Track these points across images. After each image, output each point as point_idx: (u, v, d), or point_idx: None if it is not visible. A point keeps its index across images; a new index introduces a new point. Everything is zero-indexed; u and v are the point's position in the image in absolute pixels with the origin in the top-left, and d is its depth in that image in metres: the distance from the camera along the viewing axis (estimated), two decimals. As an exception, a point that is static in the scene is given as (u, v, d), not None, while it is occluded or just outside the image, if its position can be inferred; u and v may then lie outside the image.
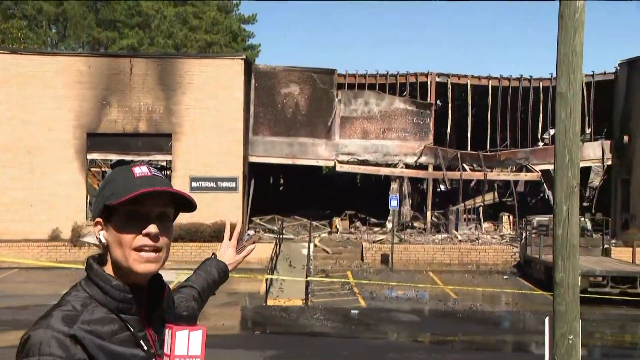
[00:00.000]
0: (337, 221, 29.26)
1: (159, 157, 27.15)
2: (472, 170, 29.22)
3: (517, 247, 25.25)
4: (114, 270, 1.96)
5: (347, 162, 28.59)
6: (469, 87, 29.63)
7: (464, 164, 28.81)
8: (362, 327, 15.40)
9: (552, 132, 27.55)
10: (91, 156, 26.77)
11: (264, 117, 28.17)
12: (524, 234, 24.28)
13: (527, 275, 22.90)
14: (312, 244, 24.62)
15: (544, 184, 30.29)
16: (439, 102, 33.20)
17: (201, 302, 2.55)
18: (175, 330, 1.94)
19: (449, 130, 30.37)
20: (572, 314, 4.88)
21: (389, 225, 27.18)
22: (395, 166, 28.81)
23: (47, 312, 1.89)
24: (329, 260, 25.19)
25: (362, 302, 18.41)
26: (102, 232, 1.98)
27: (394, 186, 28.38)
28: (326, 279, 21.40)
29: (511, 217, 29.02)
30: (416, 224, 29.61)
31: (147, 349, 1.92)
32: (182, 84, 26.15)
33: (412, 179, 30.14)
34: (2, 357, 10.73)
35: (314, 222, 29.01)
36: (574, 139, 4.82)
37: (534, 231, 23.31)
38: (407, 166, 28.93)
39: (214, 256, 2.75)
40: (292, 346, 13.35)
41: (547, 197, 30.70)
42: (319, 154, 28.47)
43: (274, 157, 28.46)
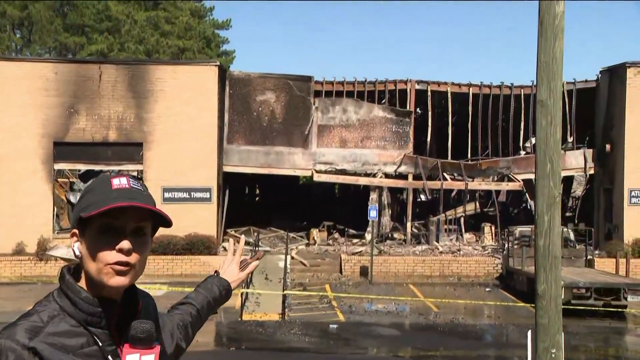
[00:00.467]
0: (314, 232, 29.24)
1: (130, 166, 26.94)
2: (453, 179, 29.40)
3: (500, 259, 25.42)
4: (87, 282, 1.97)
5: (325, 172, 28.62)
6: (449, 94, 29.85)
7: (445, 174, 28.98)
8: (341, 342, 15.38)
9: (533, 140, 27.82)
10: (58, 166, 26.50)
11: (239, 126, 28.13)
12: (506, 245, 24.45)
13: (510, 287, 23.05)
14: (289, 257, 24.56)
15: (526, 194, 30.55)
16: (418, 110, 33.39)
17: (200, 320, 2.55)
18: (125, 353, 1.94)
19: (429, 138, 30.56)
20: (555, 326, 4.93)
21: (368, 236, 27.23)
22: (374, 176, 28.89)
23: (15, 321, 1.90)
24: (307, 273, 25.15)
25: (340, 316, 18.39)
26: (77, 244, 1.99)
27: (373, 196, 28.46)
28: (304, 293, 21.36)
29: (493, 228, 29.23)
30: (396, 235, 29.70)
31: None
32: (154, 92, 26.04)
33: (391, 189, 30.25)
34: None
35: (291, 234, 28.94)
36: (555, 148, 4.88)
37: (517, 242, 23.48)
38: (387, 176, 29.03)
39: (216, 273, 2.75)
40: (269, 362, 13.28)
41: (529, 207, 30.99)
42: (296, 163, 28.47)
43: (250, 167, 28.41)
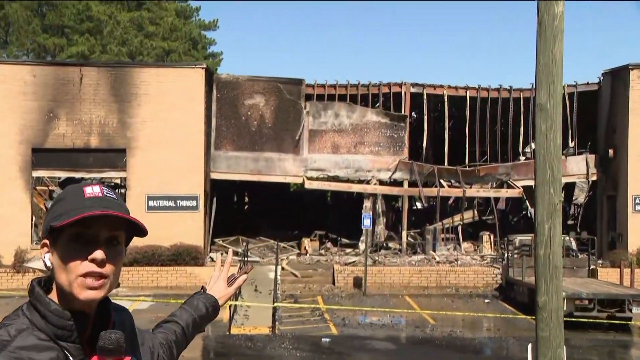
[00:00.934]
0: (306, 242, 29.23)
1: (113, 174, 26.90)
2: (450, 186, 29.46)
3: (499, 269, 25.47)
4: (59, 295, 1.97)
5: (317, 179, 28.63)
6: (446, 98, 29.93)
7: (441, 180, 29.04)
8: (334, 357, 15.36)
9: (533, 145, 27.93)
10: (37, 173, 26.41)
11: (226, 131, 28.12)
12: (506, 255, 24.51)
13: (510, 298, 23.09)
14: (279, 267, 24.54)
15: (527, 201, 30.68)
16: (414, 114, 33.46)
17: (185, 339, 2.54)
18: None
19: (425, 144, 30.62)
20: (557, 340, 4.94)
21: (362, 246, 27.24)
22: (368, 182, 28.92)
23: None
24: (298, 284, 25.12)
25: (333, 330, 18.37)
26: (47, 255, 1.99)
27: (367, 204, 28.47)
28: (295, 305, 21.33)
29: (492, 237, 29.28)
30: (391, 245, 29.72)
31: None
32: (138, 95, 26.01)
33: (386, 196, 30.28)
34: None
35: (282, 244, 28.93)
36: (555, 153, 4.90)
37: (516, 251, 23.53)
38: (381, 182, 29.06)
39: (203, 290, 2.73)
40: (258, 378, 13.25)
41: (529, 214, 31.09)
42: (287, 169, 28.48)
43: (238, 174, 28.39)
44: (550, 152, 4.90)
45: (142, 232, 2.04)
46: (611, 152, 28.30)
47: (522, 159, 30.57)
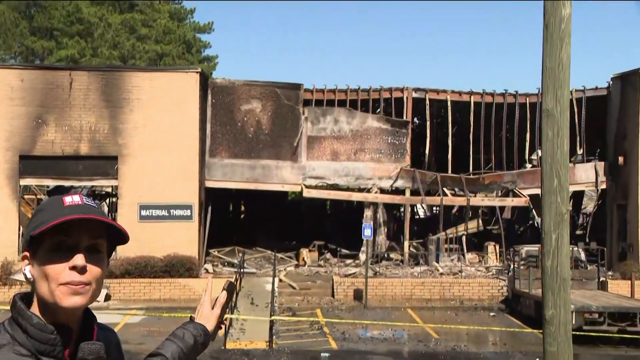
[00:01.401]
0: (304, 253, 29.21)
1: (104, 182, 26.89)
2: (454, 195, 29.46)
3: (505, 281, 25.45)
4: (40, 308, 1.98)
5: (316, 187, 28.64)
6: (449, 103, 29.98)
7: (445, 188, 29.05)
8: (333, 373, 15.34)
9: (540, 153, 27.95)
10: (24, 182, 26.39)
11: (222, 137, 28.14)
12: (512, 266, 24.49)
13: (516, 311, 23.07)
14: (276, 279, 24.52)
15: (533, 210, 30.66)
16: (416, 120, 33.53)
17: None
18: None
19: (427, 151, 30.65)
20: (565, 355, 4.93)
21: (363, 257, 27.22)
22: (368, 191, 28.93)
23: None
24: (296, 296, 25.09)
25: (333, 344, 18.34)
26: (28, 267, 2.02)
27: (368, 213, 28.47)
28: (293, 318, 21.30)
29: (497, 247, 29.28)
30: (392, 256, 29.70)
31: None
32: (130, 101, 26.03)
33: (387, 205, 30.28)
34: None
35: (279, 254, 28.90)
36: (562, 161, 4.90)
37: (523, 262, 23.52)
38: (382, 191, 29.07)
39: (191, 319, 2.70)
40: (255, 395, 13.22)
41: (536, 224, 31.09)
42: (284, 177, 28.49)
43: (234, 182, 28.39)
44: (557, 160, 4.91)
45: (123, 238, 2.06)
46: (621, 159, 28.32)
47: (528, 166, 30.59)
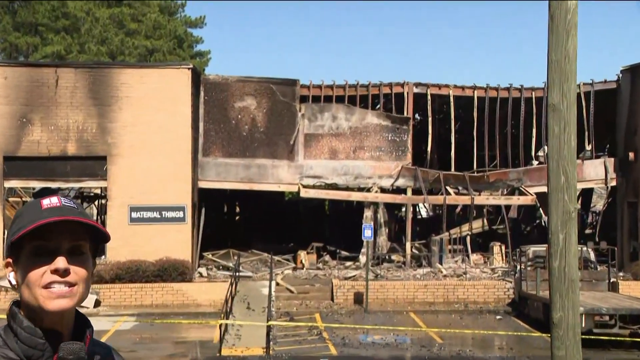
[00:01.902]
0: (302, 255, 29.21)
1: (92, 183, 26.87)
2: (457, 193, 29.48)
3: (511, 282, 25.47)
4: (27, 314, 2.01)
5: (313, 187, 28.64)
6: (452, 98, 29.97)
7: (448, 187, 29.05)
8: (333, 380, 15.34)
9: (547, 149, 27.96)
10: (9, 184, 26.37)
11: (215, 136, 28.13)
12: (519, 267, 24.50)
13: (523, 314, 23.08)
14: (273, 283, 24.52)
15: (540, 209, 30.69)
16: (417, 116, 33.51)
17: None
18: None
19: (429, 148, 30.66)
20: (574, 359, 4.93)
21: (363, 259, 27.22)
22: (368, 190, 28.93)
23: None
24: (294, 300, 25.08)
25: (332, 350, 18.34)
26: (11, 274, 2.05)
27: (368, 213, 28.47)
28: (291, 323, 21.29)
29: (503, 248, 29.29)
30: (394, 257, 29.71)
31: None
32: (119, 98, 26.01)
33: (388, 205, 30.28)
34: None
35: (276, 257, 28.90)
36: (569, 157, 4.91)
37: (530, 263, 23.54)
38: (383, 190, 29.07)
39: None
40: (252, 404, 13.22)
41: (543, 223, 31.10)
42: (281, 177, 28.48)
43: (228, 182, 28.38)
44: (564, 156, 4.91)
45: (105, 237, 2.09)
46: (631, 155, 28.33)
47: (534, 163, 30.61)
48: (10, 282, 2.05)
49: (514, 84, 30.30)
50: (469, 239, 29.97)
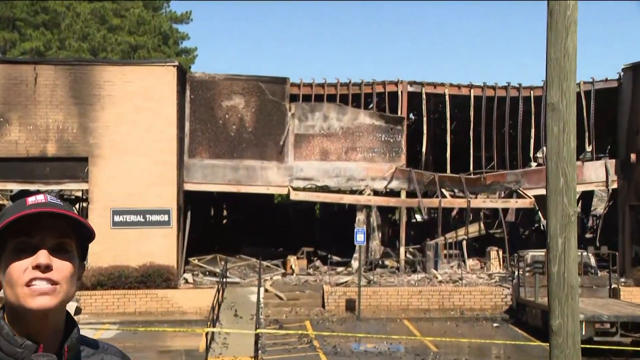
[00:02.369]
0: (292, 260, 29.20)
1: (73, 185, 26.78)
2: (453, 196, 29.53)
3: (509, 289, 25.52)
4: (10, 318, 1.99)
5: (304, 189, 28.63)
6: (447, 97, 30.04)
7: (443, 190, 29.10)
8: (324, 390, 15.34)
9: (546, 150, 28.01)
10: (-13, 186, 26.27)
11: (202, 136, 28.10)
12: (516, 273, 24.55)
13: (521, 322, 23.13)
14: (262, 289, 24.48)
15: (539, 212, 30.77)
16: (411, 115, 33.56)
17: None
18: None
19: (424, 149, 30.69)
20: (573, 368, 4.94)
21: (355, 264, 27.23)
22: (361, 193, 28.95)
23: None
24: (284, 307, 25.08)
25: (323, 359, 18.34)
26: None
27: (360, 217, 28.49)
28: (280, 331, 21.28)
29: (500, 253, 29.35)
30: (387, 262, 29.73)
31: None
32: (101, 97, 25.96)
33: (381, 208, 30.29)
34: None
35: (265, 262, 28.87)
36: (569, 159, 4.93)
37: (528, 269, 23.60)
38: (376, 193, 29.09)
39: None
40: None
41: (542, 227, 31.16)
42: (270, 179, 28.47)
43: (215, 184, 28.35)
44: (563, 158, 4.93)
45: (89, 233, 2.08)
46: (633, 156, 28.43)
47: (533, 165, 30.69)
48: None
49: (512, 82, 30.36)
50: (465, 243, 30.01)
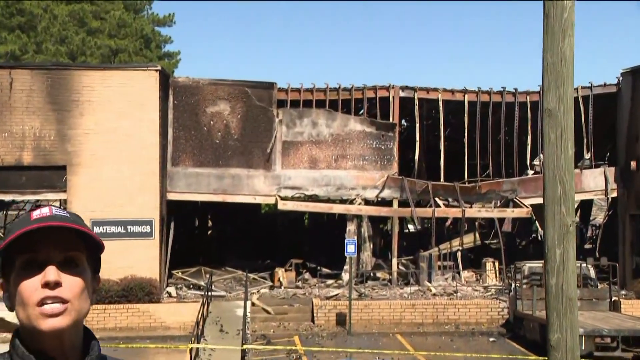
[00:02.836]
0: (280, 273, 29.17)
1: (50, 195, 26.66)
2: (447, 206, 29.56)
3: (505, 302, 25.56)
4: (24, 338, 2.00)
5: (292, 198, 28.63)
6: (441, 103, 30.11)
7: (437, 199, 29.14)
8: (314, 408, 15.31)
9: (543, 157, 28.08)
10: (-40, 196, 26.15)
11: (186, 144, 28.07)
12: (513, 285, 24.60)
13: (519, 336, 23.15)
14: (249, 303, 24.45)
15: (536, 222, 30.83)
16: (404, 122, 33.62)
17: None
18: None
19: (417, 156, 30.75)
20: (572, 383, 4.95)
21: (346, 276, 27.22)
22: (351, 202, 28.97)
23: None
24: (271, 322, 25.04)
25: (313, 376, 18.31)
26: (6, 295, 2.04)
27: (351, 227, 28.50)
28: (267, 347, 21.24)
29: (497, 264, 29.40)
30: (379, 275, 29.74)
31: None
32: (80, 103, 25.90)
33: (372, 218, 30.31)
34: None
35: (251, 275, 28.83)
36: (566, 166, 4.94)
37: (525, 281, 23.64)
38: (367, 202, 29.11)
39: None
40: None
41: (540, 237, 31.24)
42: (257, 188, 28.46)
43: (200, 194, 28.31)
44: (560, 165, 4.94)
45: (98, 246, 2.08)
46: (633, 164, 28.54)
47: (530, 173, 30.78)
48: (6, 304, 2.03)
49: (507, 87, 30.47)
50: (459, 254, 30.04)
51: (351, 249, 24.80)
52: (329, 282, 28.96)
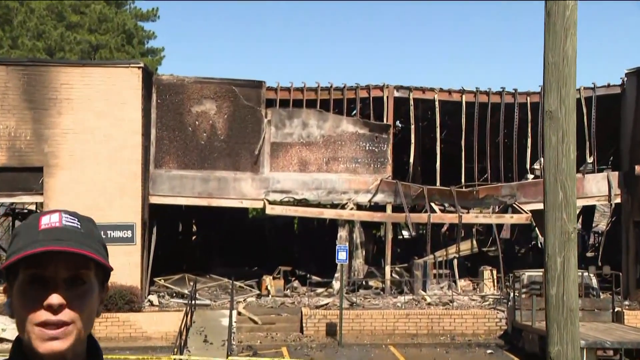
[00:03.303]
0: (268, 280, 29.15)
1: (26, 198, 26.60)
2: (443, 211, 29.59)
3: (503, 312, 25.59)
4: (25, 347, 1.99)
5: (281, 203, 28.62)
6: (437, 103, 30.13)
7: (433, 204, 29.17)
8: (303, 423, 15.31)
9: (543, 161, 28.13)
10: None
11: (169, 144, 28.04)
12: (512, 294, 24.63)
13: (517, 348, 23.19)
14: (235, 312, 24.44)
15: (536, 229, 30.86)
16: (398, 123, 33.64)
17: None
18: None
19: (412, 159, 30.77)
20: (573, 397, 4.97)
21: (337, 285, 27.22)
22: (343, 207, 28.97)
23: None
24: (258, 332, 25.03)
25: (301, 389, 18.31)
26: (8, 300, 2.02)
27: (342, 233, 28.50)
28: (254, 358, 21.23)
29: (494, 272, 29.43)
30: (372, 283, 29.75)
31: None
32: (58, 101, 25.85)
33: (365, 224, 30.32)
34: None
35: (238, 283, 28.80)
36: (568, 171, 4.95)
37: (525, 290, 23.67)
38: (359, 207, 29.12)
39: None
40: None
41: (540, 245, 31.30)
42: (244, 192, 28.44)
43: (184, 197, 28.28)
44: (562, 170, 4.95)
45: (106, 269, 2.10)
46: (637, 168, 28.61)
47: (530, 177, 30.85)
48: (8, 310, 2.01)
49: (506, 87, 30.51)
50: (456, 262, 30.09)
51: (342, 256, 24.79)
52: (319, 290, 28.95)
